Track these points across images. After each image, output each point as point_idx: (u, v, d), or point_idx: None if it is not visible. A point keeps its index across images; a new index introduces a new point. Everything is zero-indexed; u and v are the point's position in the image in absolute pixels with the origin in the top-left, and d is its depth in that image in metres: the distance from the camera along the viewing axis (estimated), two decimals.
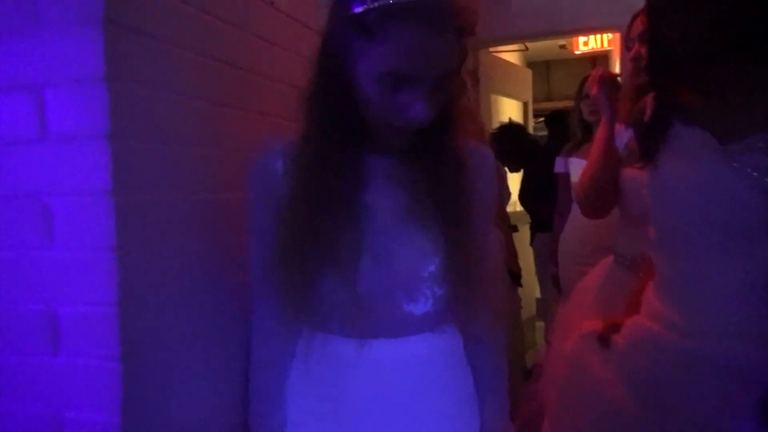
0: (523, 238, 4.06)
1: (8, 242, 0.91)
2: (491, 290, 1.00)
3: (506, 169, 3.58)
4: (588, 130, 2.38)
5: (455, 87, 0.91)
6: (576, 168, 2.26)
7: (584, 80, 2.42)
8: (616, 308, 1.34)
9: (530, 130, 5.20)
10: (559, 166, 2.58)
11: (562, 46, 5.90)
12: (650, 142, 1.10)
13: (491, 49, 4.39)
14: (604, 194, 1.54)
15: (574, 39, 5.36)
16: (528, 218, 4.08)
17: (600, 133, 1.56)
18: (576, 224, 2.26)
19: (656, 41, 1.04)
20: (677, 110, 1.07)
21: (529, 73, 5.27)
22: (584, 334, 1.26)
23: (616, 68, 4.65)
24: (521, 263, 2.78)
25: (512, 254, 2.69)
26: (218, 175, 1.07)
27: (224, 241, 1.07)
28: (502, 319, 1.03)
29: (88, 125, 0.86)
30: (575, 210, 2.24)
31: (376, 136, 0.89)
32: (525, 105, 5.23)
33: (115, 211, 0.85)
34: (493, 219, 1.04)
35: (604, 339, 1.19)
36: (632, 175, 1.44)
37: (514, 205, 4.46)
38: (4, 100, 0.90)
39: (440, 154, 0.90)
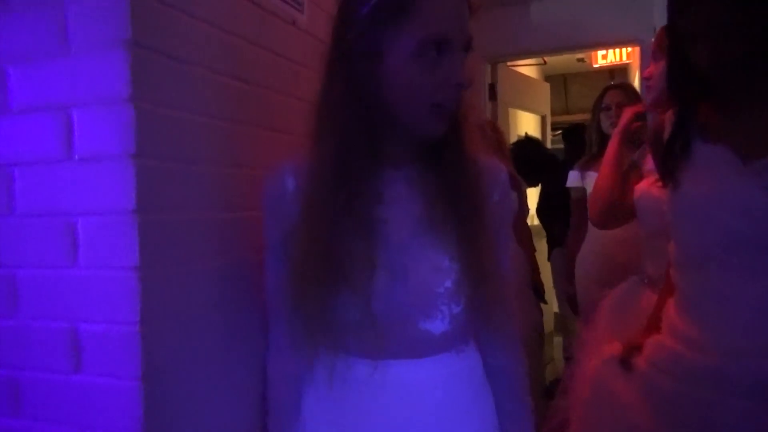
0: (540, 252, 4.02)
1: (33, 260, 0.92)
2: (510, 307, 0.98)
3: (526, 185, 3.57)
4: (605, 143, 2.36)
5: (468, 100, 0.91)
6: (593, 182, 2.24)
7: (604, 90, 2.40)
8: (634, 327, 1.33)
9: (548, 144, 5.18)
10: (572, 180, 2.51)
11: (581, 60, 5.87)
12: (671, 161, 1.09)
13: (509, 63, 4.38)
14: (614, 208, 1.57)
15: (593, 52, 5.34)
16: (544, 233, 4.04)
17: (610, 148, 1.59)
18: (595, 243, 2.23)
19: (680, 63, 1.03)
20: (698, 128, 1.06)
21: (547, 86, 5.25)
22: (606, 360, 1.24)
23: (635, 82, 4.62)
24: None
25: (535, 270, 2.66)
26: (240, 193, 1.08)
27: (246, 260, 1.07)
28: (522, 336, 1.01)
29: (114, 145, 0.87)
30: (594, 228, 2.21)
31: (392, 145, 0.88)
32: (543, 119, 5.21)
33: (139, 231, 0.85)
34: (509, 234, 1.03)
35: (626, 362, 1.18)
36: (649, 190, 1.43)
37: (531, 219, 4.43)
38: (32, 120, 0.92)
39: (454, 167, 0.90)
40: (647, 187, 1.44)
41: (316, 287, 0.86)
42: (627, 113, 1.71)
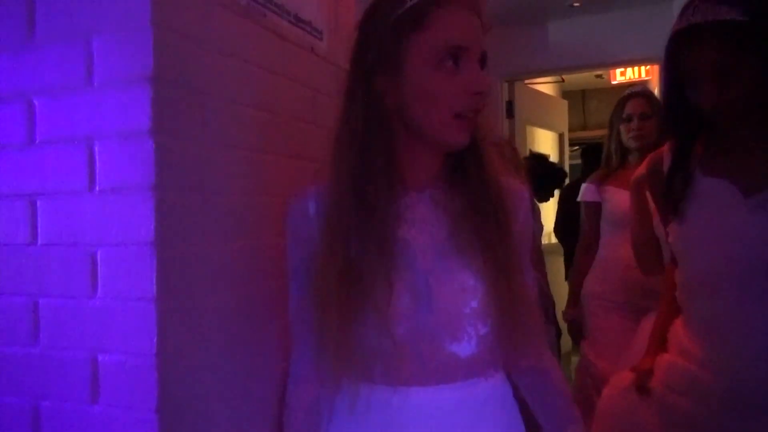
0: (558, 270, 3.98)
1: (55, 290, 0.93)
2: (537, 326, 0.97)
3: (537, 202, 3.53)
4: (625, 156, 2.13)
5: (487, 119, 0.92)
6: (613, 198, 2.10)
7: (622, 100, 2.18)
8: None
9: (566, 160, 5.14)
10: (587, 194, 2.26)
11: (599, 76, 5.85)
12: (672, 193, 1.10)
13: (526, 81, 4.38)
14: (647, 252, 1.53)
15: (611, 69, 5.31)
16: (562, 250, 4.00)
17: (631, 199, 1.54)
18: (607, 264, 2.11)
19: (678, 100, 1.06)
20: (697, 161, 1.08)
21: (564, 104, 5.22)
22: (621, 390, 1.24)
23: None
24: (556, 297, 2.71)
25: (543, 294, 2.61)
26: (260, 222, 1.08)
27: (265, 287, 1.07)
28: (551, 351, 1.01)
29: (135, 177, 0.88)
30: (606, 249, 2.14)
31: (415, 165, 0.89)
32: (560, 136, 5.18)
33: (157, 262, 0.86)
34: (531, 256, 1.03)
35: (642, 387, 1.18)
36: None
37: (549, 236, 4.40)
38: (56, 151, 0.93)
39: (478, 187, 0.89)
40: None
41: (338, 310, 0.85)
42: (648, 161, 1.65)
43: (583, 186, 2.31)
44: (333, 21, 1.41)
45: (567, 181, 3.80)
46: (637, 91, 2.18)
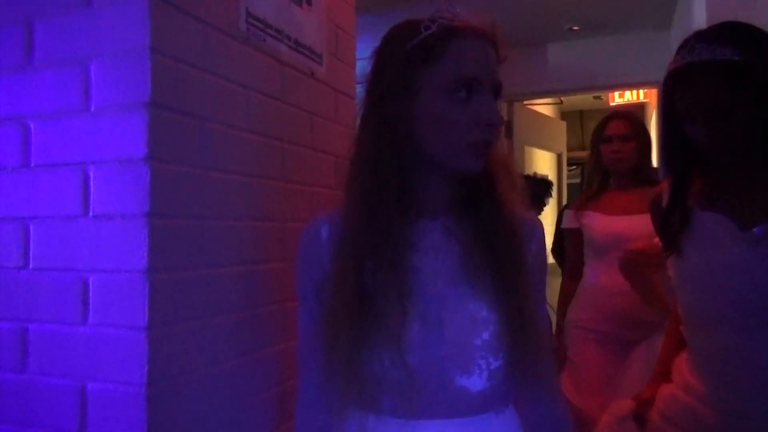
0: (553, 289, 3.97)
1: (45, 315, 0.92)
2: (549, 360, 0.96)
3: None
4: (606, 179, 2.07)
5: (502, 148, 0.92)
6: (593, 223, 2.02)
7: (604, 120, 2.11)
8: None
9: (563, 180, 5.15)
10: (566, 221, 2.20)
11: (597, 97, 5.89)
12: (671, 229, 1.10)
13: (525, 102, 4.40)
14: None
15: (609, 92, 5.35)
16: (559, 270, 4.00)
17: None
18: (592, 293, 2.03)
19: (674, 136, 1.06)
20: (695, 196, 1.09)
21: (563, 125, 5.24)
22: (618, 419, 1.22)
23: (651, 120, 4.60)
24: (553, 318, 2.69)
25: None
26: (257, 246, 1.07)
27: (261, 313, 1.06)
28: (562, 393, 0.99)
29: (129, 203, 0.87)
30: (590, 276, 2.05)
31: (427, 193, 0.88)
32: (558, 156, 5.20)
33: (150, 290, 0.85)
34: (544, 285, 1.02)
35: (640, 417, 1.16)
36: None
37: (548, 256, 4.39)
38: (50, 175, 0.93)
39: (491, 216, 0.88)
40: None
41: (348, 337, 0.83)
42: (634, 248, 1.62)
43: (565, 212, 2.26)
44: (333, 45, 1.42)
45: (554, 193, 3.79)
46: (618, 113, 2.14)
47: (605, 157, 2.04)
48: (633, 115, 2.18)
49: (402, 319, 0.82)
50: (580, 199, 2.19)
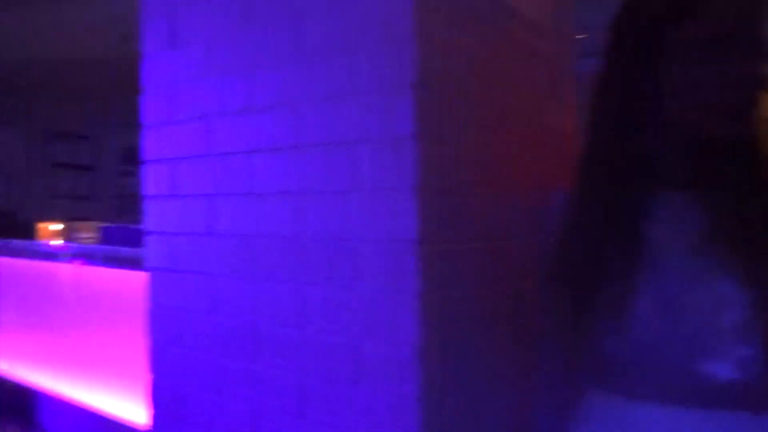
0: None
1: (319, 278, 1.03)
2: None
3: None
4: None
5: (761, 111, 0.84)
6: None
7: None
8: None
9: None
10: None
11: None
12: None
13: None
14: None
15: None
16: None
17: None
18: None
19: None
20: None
21: None
22: None
23: None
24: None
25: None
26: (509, 222, 1.10)
27: (511, 289, 1.09)
28: None
29: (397, 178, 0.94)
30: None
31: (670, 162, 0.84)
32: None
33: (421, 259, 0.92)
34: None
35: None
36: None
37: None
38: (324, 154, 1.03)
39: (743, 183, 0.83)
40: None
41: (581, 312, 0.83)
42: None
43: None
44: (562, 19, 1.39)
45: None
46: None
47: None
48: None
49: (639, 298, 0.79)
50: None
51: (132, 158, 4.93)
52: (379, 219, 0.96)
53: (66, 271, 2.57)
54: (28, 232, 3.12)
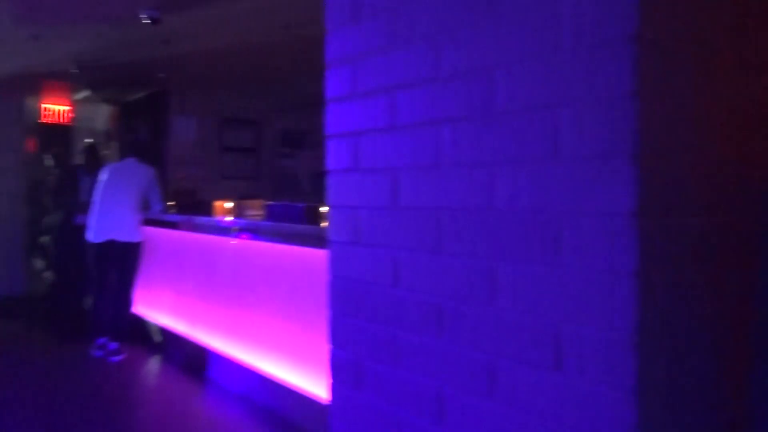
0: None
1: (513, 255, 0.96)
2: None
3: None
4: None
5: None
6: None
7: None
8: None
9: None
10: None
11: None
12: None
13: None
14: None
15: None
16: None
17: None
18: None
19: None
20: None
21: None
22: None
23: None
24: None
25: None
26: (735, 193, 0.96)
27: (740, 270, 0.95)
28: None
29: (610, 144, 0.84)
30: None
31: None
32: None
33: (640, 234, 0.81)
34: None
35: None
36: None
37: None
38: (520, 121, 0.96)
39: None
40: None
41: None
42: None
43: None
44: None
45: None
46: None
47: None
48: None
49: None
50: None
51: (289, 141, 5.26)
52: (587, 189, 0.87)
53: (236, 244, 2.78)
54: (206, 209, 3.44)
